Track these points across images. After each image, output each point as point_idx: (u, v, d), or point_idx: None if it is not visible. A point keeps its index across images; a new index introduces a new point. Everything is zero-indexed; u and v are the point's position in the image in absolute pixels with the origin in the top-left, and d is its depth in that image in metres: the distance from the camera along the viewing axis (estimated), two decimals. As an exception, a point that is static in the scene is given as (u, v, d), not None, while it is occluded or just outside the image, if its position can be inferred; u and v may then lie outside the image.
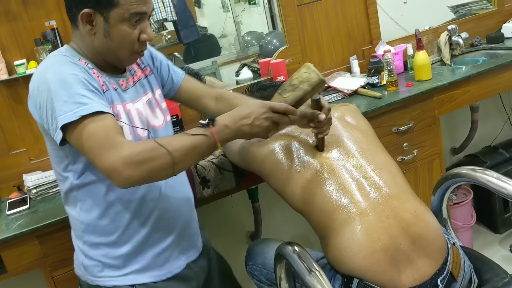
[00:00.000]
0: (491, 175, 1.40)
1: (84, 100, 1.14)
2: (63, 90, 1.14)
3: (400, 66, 2.59)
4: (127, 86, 1.34)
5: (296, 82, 1.25)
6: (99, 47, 1.25)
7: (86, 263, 1.34)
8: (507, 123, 3.08)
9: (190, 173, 1.73)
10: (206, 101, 1.56)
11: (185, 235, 1.43)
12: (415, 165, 2.27)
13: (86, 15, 1.20)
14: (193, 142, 1.15)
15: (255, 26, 3.15)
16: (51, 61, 1.22)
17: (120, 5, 1.19)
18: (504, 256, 2.53)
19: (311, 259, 1.23)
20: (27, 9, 1.97)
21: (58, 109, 1.13)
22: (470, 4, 3.13)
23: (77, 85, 1.15)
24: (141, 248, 1.34)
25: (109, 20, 1.20)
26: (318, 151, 1.42)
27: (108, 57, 1.27)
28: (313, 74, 1.23)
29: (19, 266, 1.66)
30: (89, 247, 1.33)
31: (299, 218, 1.48)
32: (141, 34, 1.25)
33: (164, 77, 1.50)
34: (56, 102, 1.13)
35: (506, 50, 2.74)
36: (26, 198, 1.88)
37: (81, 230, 1.33)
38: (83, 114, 1.12)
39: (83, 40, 1.26)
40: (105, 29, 1.21)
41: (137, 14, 1.21)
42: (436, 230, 1.29)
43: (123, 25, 1.21)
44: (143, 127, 1.33)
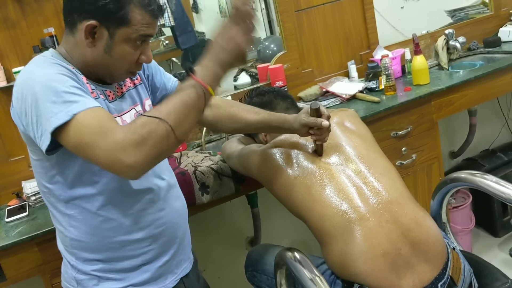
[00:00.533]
0: (490, 179, 1.41)
1: (74, 98, 1.05)
2: (50, 90, 1.05)
3: (398, 70, 2.59)
4: (114, 97, 1.27)
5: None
6: (92, 60, 1.18)
7: (79, 277, 1.28)
8: (504, 127, 3.09)
9: (189, 179, 1.73)
10: None
11: (180, 247, 1.39)
12: (414, 169, 2.27)
13: (91, 27, 1.12)
14: (182, 99, 1.07)
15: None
16: (33, 64, 1.14)
17: (131, 25, 1.13)
18: (503, 260, 2.53)
19: (311, 265, 1.23)
20: (25, 16, 1.97)
21: (47, 112, 1.04)
22: (467, 9, 3.14)
23: (66, 83, 1.07)
24: (139, 265, 1.29)
25: (114, 36, 1.14)
26: (317, 157, 1.42)
27: (99, 70, 1.21)
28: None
29: (19, 273, 1.65)
30: (82, 262, 1.27)
31: (299, 223, 1.48)
32: (141, 55, 1.20)
33: (156, 84, 1.45)
34: (44, 105, 1.04)
35: (503, 54, 2.75)
36: (25, 205, 1.87)
37: (71, 247, 1.26)
38: (75, 112, 1.03)
39: (76, 47, 1.18)
40: (107, 45, 1.15)
41: (144, 36, 1.17)
42: (436, 235, 1.29)
43: (126, 44, 1.16)
44: None
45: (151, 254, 1.30)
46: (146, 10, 1.14)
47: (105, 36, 1.14)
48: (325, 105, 2.32)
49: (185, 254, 1.43)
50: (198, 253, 2.32)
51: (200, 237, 2.28)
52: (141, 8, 1.13)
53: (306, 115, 1.39)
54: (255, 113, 1.49)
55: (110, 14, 1.11)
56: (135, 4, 1.12)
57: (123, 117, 1.27)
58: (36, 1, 1.98)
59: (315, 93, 2.45)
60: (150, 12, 1.15)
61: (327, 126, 1.35)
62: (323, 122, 1.34)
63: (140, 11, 1.13)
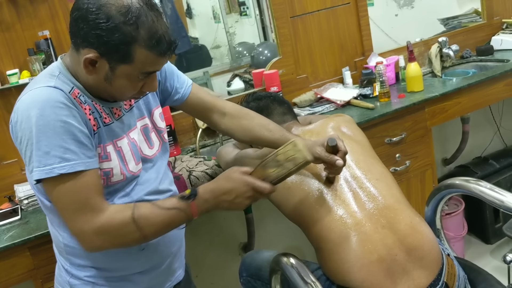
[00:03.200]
0: (484, 186, 1.42)
1: (68, 156, 1.05)
2: (47, 138, 1.04)
3: (392, 77, 2.61)
4: (121, 114, 1.23)
5: (281, 158, 1.20)
6: (93, 84, 1.14)
7: (73, 282, 1.26)
8: (496, 135, 3.11)
9: (184, 183, 1.72)
10: (214, 116, 1.47)
11: (176, 257, 1.38)
12: (408, 176, 2.28)
13: (90, 60, 1.07)
14: (170, 218, 1.14)
15: (247, 37, 3.17)
16: (39, 94, 1.08)
17: (133, 64, 1.08)
18: (495, 267, 2.54)
19: (306, 270, 1.22)
20: (20, 19, 1.96)
21: (37, 159, 1.05)
22: (460, 17, 3.18)
23: (63, 136, 1.05)
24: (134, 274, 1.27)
25: (115, 71, 1.09)
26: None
27: (101, 93, 1.17)
28: (298, 154, 1.19)
29: (10, 278, 1.63)
30: (76, 268, 1.25)
31: (293, 229, 1.47)
32: (145, 85, 1.16)
33: (168, 89, 1.40)
34: (36, 151, 1.05)
35: (496, 62, 2.77)
36: (18, 209, 1.85)
37: (65, 252, 1.25)
38: (62, 172, 1.05)
39: (79, 67, 1.11)
40: (108, 76, 1.10)
41: (147, 73, 1.13)
42: (431, 241, 1.30)
43: (127, 80, 1.11)
44: (136, 161, 1.24)
45: (147, 265, 1.29)
46: (151, 51, 1.08)
47: (106, 67, 1.09)
48: (320, 111, 2.33)
49: (180, 262, 1.42)
50: (192, 258, 2.31)
51: (194, 243, 2.26)
52: (146, 48, 1.07)
53: (321, 149, 1.30)
54: (269, 131, 1.43)
55: (113, 52, 1.06)
56: (140, 44, 1.06)
57: (130, 135, 1.25)
58: (31, 4, 1.97)
59: (310, 99, 2.45)
60: (157, 52, 1.09)
61: (341, 165, 1.29)
62: (338, 161, 1.27)
63: (145, 51, 1.07)
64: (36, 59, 1.95)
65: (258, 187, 1.18)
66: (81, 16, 1.05)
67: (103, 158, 1.16)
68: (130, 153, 1.23)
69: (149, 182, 1.27)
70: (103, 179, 1.16)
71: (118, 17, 1.04)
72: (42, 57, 1.96)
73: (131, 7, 1.05)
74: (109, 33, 1.04)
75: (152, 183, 1.28)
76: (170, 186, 1.36)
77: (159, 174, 1.32)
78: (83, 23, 1.05)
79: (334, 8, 2.59)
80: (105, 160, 1.17)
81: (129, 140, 1.24)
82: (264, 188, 1.18)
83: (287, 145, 1.21)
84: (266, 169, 1.21)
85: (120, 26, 1.04)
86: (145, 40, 1.06)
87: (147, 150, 1.30)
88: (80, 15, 1.05)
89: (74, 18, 1.07)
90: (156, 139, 1.35)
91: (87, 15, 1.04)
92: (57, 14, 2.01)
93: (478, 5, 3.10)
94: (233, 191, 1.17)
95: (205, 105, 1.47)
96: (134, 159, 1.24)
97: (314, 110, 2.36)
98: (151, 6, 1.08)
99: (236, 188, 1.17)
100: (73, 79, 1.14)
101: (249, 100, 1.76)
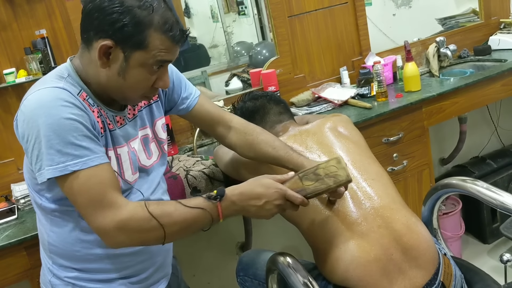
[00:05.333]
0: (481, 185, 1.41)
1: (80, 152, 1.05)
2: (57, 137, 1.03)
3: (390, 77, 2.61)
4: (124, 123, 1.23)
5: (322, 173, 1.16)
6: (106, 81, 1.12)
7: (54, 282, 1.25)
8: (494, 134, 3.11)
9: (181, 183, 1.72)
10: (219, 129, 1.46)
11: (161, 265, 1.36)
12: (405, 176, 2.28)
13: (106, 47, 1.07)
14: (194, 217, 1.11)
15: (245, 36, 3.17)
16: (47, 94, 1.07)
17: (148, 49, 1.08)
18: (492, 267, 2.53)
19: (303, 270, 1.22)
20: (17, 18, 1.96)
21: (49, 157, 1.04)
22: (458, 17, 3.18)
23: (74, 133, 1.05)
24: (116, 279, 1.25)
25: (129, 60, 1.09)
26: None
27: (112, 93, 1.16)
28: (341, 172, 1.15)
29: (6, 278, 1.63)
30: (58, 267, 1.24)
31: (289, 228, 1.47)
32: (157, 80, 1.15)
33: (175, 99, 1.40)
34: (48, 149, 1.04)
35: (493, 62, 2.78)
36: (14, 208, 1.85)
37: (49, 251, 1.24)
38: (75, 169, 1.04)
39: (90, 65, 1.12)
40: (122, 67, 1.10)
41: (161, 61, 1.12)
42: (427, 241, 1.30)
43: (142, 69, 1.11)
44: (134, 170, 1.24)
45: (129, 271, 1.27)
46: (166, 36, 1.08)
47: (120, 58, 1.09)
48: (317, 111, 2.33)
49: (165, 272, 1.39)
50: (188, 258, 2.31)
51: (190, 242, 2.26)
52: (161, 33, 1.07)
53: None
54: (273, 148, 1.40)
55: (128, 37, 1.06)
56: (155, 29, 1.07)
57: (131, 144, 1.25)
58: (28, 3, 1.96)
59: (307, 98, 2.45)
60: (171, 37, 1.09)
61: (342, 193, 1.27)
62: (339, 190, 1.25)
63: (160, 36, 1.08)
64: (33, 58, 1.95)
65: (290, 196, 1.15)
66: (95, 6, 1.06)
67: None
68: (128, 162, 1.22)
69: (141, 191, 1.27)
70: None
71: (133, 2, 1.05)
72: (39, 56, 1.95)
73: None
74: (124, 17, 1.04)
75: (144, 192, 1.27)
76: (163, 196, 1.35)
77: (152, 184, 1.31)
78: (97, 12, 1.06)
79: (331, 7, 2.59)
80: None
81: (129, 149, 1.24)
82: (296, 198, 1.15)
83: (330, 160, 1.16)
84: (303, 181, 1.16)
85: (135, 10, 1.05)
86: (160, 25, 1.07)
87: (145, 160, 1.30)
88: (94, 5, 1.07)
89: (87, 10, 1.08)
90: (155, 150, 1.34)
91: (101, 3, 1.06)
92: (54, 13, 2.01)
93: (475, 5, 3.11)
94: (263, 196, 1.14)
95: (211, 118, 1.45)
96: (132, 168, 1.23)
97: (311, 110, 2.36)
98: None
99: (267, 193, 1.14)
100: (81, 83, 1.14)
101: (245, 99, 1.76)
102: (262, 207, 1.14)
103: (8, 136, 2.00)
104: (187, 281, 1.66)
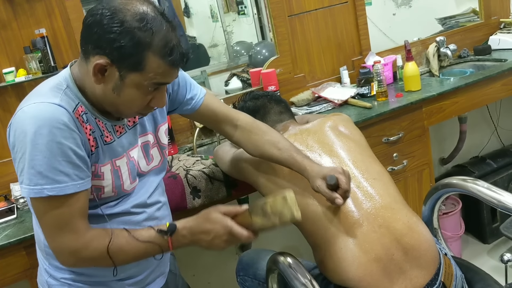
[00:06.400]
0: (482, 185, 1.41)
1: (60, 178, 1.05)
2: (42, 158, 1.03)
3: (390, 77, 2.61)
4: (123, 131, 1.22)
5: (269, 210, 1.13)
6: (101, 95, 1.11)
7: (51, 282, 1.26)
8: (494, 134, 3.11)
9: (181, 182, 1.72)
10: (226, 127, 1.46)
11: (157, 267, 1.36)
12: (405, 175, 2.28)
13: (100, 66, 1.05)
14: (144, 251, 1.15)
15: (245, 36, 3.17)
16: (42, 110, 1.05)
17: (144, 72, 1.05)
18: (492, 267, 2.53)
19: (303, 269, 1.22)
20: (16, 17, 1.95)
21: (28, 177, 1.05)
22: (458, 17, 3.18)
23: (59, 158, 1.04)
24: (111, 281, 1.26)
25: (124, 79, 1.06)
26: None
27: (107, 106, 1.14)
28: (287, 211, 1.12)
29: (5, 278, 1.63)
30: (54, 269, 1.25)
31: (290, 228, 1.47)
32: (153, 100, 1.13)
33: (180, 100, 1.38)
34: (29, 169, 1.04)
35: (493, 62, 2.77)
36: (13, 208, 1.84)
37: (45, 252, 1.25)
38: (51, 194, 1.05)
39: (87, 76, 1.10)
40: (116, 85, 1.08)
41: (158, 84, 1.10)
42: (428, 241, 1.29)
43: (137, 90, 1.08)
44: (132, 180, 1.24)
45: (126, 273, 1.27)
46: (164, 60, 1.06)
47: (115, 76, 1.07)
48: (317, 110, 2.32)
49: (161, 270, 1.39)
50: (188, 258, 2.31)
51: (190, 242, 2.26)
52: (159, 57, 1.05)
53: (322, 182, 1.28)
54: (278, 150, 1.40)
55: (124, 58, 1.04)
56: (153, 52, 1.04)
57: (130, 153, 1.24)
58: (28, 2, 1.96)
59: (307, 98, 2.45)
60: (169, 62, 1.06)
61: (341, 204, 1.26)
62: (337, 200, 1.24)
63: (157, 59, 1.05)
64: (32, 57, 1.94)
65: (236, 234, 1.15)
66: (95, 21, 1.04)
67: (96, 176, 1.16)
68: (127, 173, 1.22)
69: (138, 195, 1.27)
70: (93, 194, 1.16)
71: (133, 23, 1.02)
72: (38, 55, 1.95)
73: (147, 15, 1.04)
74: (122, 37, 1.02)
75: (141, 196, 1.27)
76: (160, 198, 1.34)
77: (149, 188, 1.30)
78: (97, 27, 1.03)
79: (331, 7, 2.59)
80: (97, 178, 1.16)
81: (128, 159, 1.23)
82: (242, 235, 1.15)
83: (277, 198, 1.14)
84: (252, 216, 1.15)
85: (135, 32, 1.02)
86: (159, 48, 1.04)
87: (144, 166, 1.29)
88: (94, 20, 1.04)
89: (88, 23, 1.06)
90: (157, 155, 1.33)
91: (101, 19, 1.03)
92: (53, 12, 2.00)
93: (475, 5, 3.10)
94: (211, 231, 1.15)
95: (216, 117, 1.44)
96: (130, 178, 1.23)
97: (311, 109, 2.35)
98: (166, 18, 1.08)
99: (214, 230, 1.15)
100: (79, 94, 1.12)
101: (246, 99, 1.76)
102: (212, 242, 1.16)
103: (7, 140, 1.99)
104: (187, 280, 1.65)
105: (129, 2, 1.05)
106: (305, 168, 1.34)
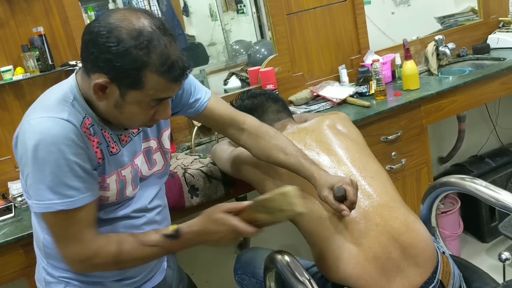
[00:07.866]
0: (480, 183, 1.41)
1: (70, 192, 1.06)
2: (51, 174, 1.04)
3: (388, 75, 2.60)
4: (128, 139, 1.22)
5: (272, 205, 1.13)
6: (104, 110, 1.10)
7: (48, 279, 1.27)
8: (493, 133, 3.11)
9: (179, 181, 1.71)
10: (232, 130, 1.44)
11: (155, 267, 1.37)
12: (403, 174, 2.28)
13: (100, 85, 1.04)
14: (150, 254, 1.18)
15: (244, 35, 3.17)
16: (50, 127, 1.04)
17: (144, 89, 1.04)
18: (491, 265, 2.53)
19: (301, 268, 1.22)
20: (14, 15, 1.95)
21: (37, 192, 1.06)
22: (457, 16, 3.17)
23: (67, 173, 1.05)
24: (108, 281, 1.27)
25: (125, 97, 1.06)
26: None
27: (110, 120, 1.14)
28: (289, 207, 1.11)
29: (3, 276, 1.63)
30: (52, 267, 1.26)
31: (288, 227, 1.47)
32: (157, 113, 1.12)
33: (184, 103, 1.36)
34: (38, 184, 1.05)
35: (492, 61, 2.77)
36: (11, 206, 1.84)
37: (43, 251, 1.26)
38: (62, 208, 1.06)
39: (90, 90, 1.08)
40: (118, 102, 1.07)
41: (159, 99, 1.09)
42: (426, 239, 1.29)
43: (139, 106, 1.08)
44: (134, 186, 1.24)
45: (122, 275, 1.28)
46: (164, 77, 1.04)
47: (116, 93, 1.06)
48: (316, 109, 2.32)
49: (158, 268, 1.40)
50: (186, 257, 2.30)
51: (189, 241, 2.26)
52: (158, 74, 1.03)
53: (329, 192, 1.26)
54: (285, 155, 1.38)
55: (123, 75, 1.02)
56: (151, 70, 1.02)
57: (135, 161, 1.24)
58: (25, 0, 1.95)
59: (306, 97, 2.45)
60: (169, 78, 1.05)
61: (347, 216, 1.25)
62: (343, 213, 1.23)
63: (156, 77, 1.03)
64: (30, 55, 1.94)
65: (242, 231, 1.15)
66: (92, 39, 1.02)
67: (101, 188, 1.17)
68: (131, 181, 1.23)
69: (139, 200, 1.27)
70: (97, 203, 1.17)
71: (129, 41, 1.00)
72: (36, 54, 1.95)
73: (143, 31, 1.01)
74: (119, 57, 1.00)
75: (143, 201, 1.28)
76: (160, 201, 1.34)
77: (151, 193, 1.30)
78: (93, 47, 1.02)
79: (330, 5, 2.58)
80: (102, 190, 1.17)
81: (133, 168, 1.23)
82: (247, 231, 1.15)
83: (279, 194, 1.13)
84: (255, 213, 1.15)
85: (131, 50, 1.00)
86: (157, 66, 1.02)
87: (146, 171, 1.29)
88: (90, 39, 1.03)
89: (85, 42, 1.04)
90: (160, 160, 1.33)
91: (97, 39, 1.01)
92: (51, 11, 2.00)
93: (474, 4, 3.10)
94: (218, 232, 1.15)
95: (222, 120, 1.43)
96: (132, 185, 1.24)
97: (310, 108, 2.35)
98: (164, 31, 1.04)
99: (219, 230, 1.15)
100: (86, 106, 1.12)
101: (243, 97, 1.75)
102: (219, 241, 1.17)
103: (5, 134, 1.99)
104: (185, 279, 1.65)
105: (125, 18, 1.02)
106: (312, 175, 1.32)
